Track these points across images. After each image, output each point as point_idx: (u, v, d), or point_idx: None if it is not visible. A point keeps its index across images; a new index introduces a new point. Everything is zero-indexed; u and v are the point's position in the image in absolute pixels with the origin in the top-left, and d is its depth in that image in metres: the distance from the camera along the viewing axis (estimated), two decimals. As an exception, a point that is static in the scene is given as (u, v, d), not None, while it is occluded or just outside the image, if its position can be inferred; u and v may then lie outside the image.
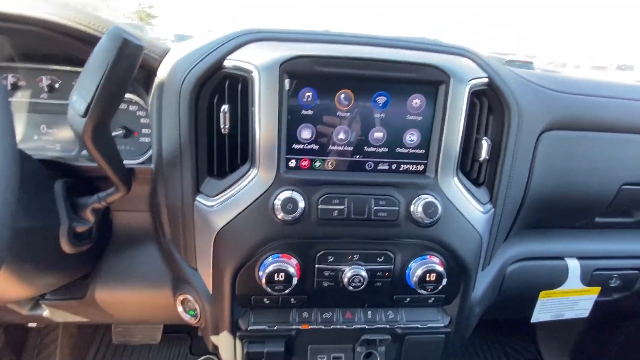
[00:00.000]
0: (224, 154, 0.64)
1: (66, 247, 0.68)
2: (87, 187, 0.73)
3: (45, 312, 0.80)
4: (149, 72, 0.67)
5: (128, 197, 0.71)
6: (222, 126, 0.61)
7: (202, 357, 1.37)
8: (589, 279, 0.88)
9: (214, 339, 0.72)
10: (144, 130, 0.76)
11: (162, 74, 0.64)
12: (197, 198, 0.64)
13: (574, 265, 0.86)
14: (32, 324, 1.02)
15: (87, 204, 0.69)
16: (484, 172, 0.72)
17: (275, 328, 0.69)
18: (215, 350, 0.74)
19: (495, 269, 0.80)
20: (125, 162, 0.73)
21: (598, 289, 0.89)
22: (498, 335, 1.53)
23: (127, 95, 0.73)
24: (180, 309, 0.73)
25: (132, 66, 0.51)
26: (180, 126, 0.61)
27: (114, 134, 0.73)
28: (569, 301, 0.90)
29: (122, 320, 0.87)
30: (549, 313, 0.91)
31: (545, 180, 0.75)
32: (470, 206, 0.67)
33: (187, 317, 0.73)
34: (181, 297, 0.72)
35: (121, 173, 0.62)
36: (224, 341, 0.69)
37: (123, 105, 0.75)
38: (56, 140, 0.77)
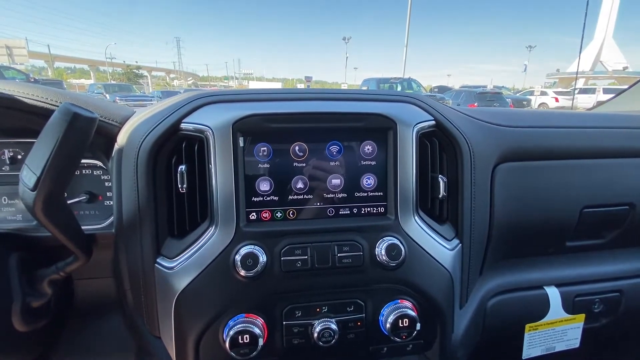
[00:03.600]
0: (183, 213, 0.64)
1: (20, 325, 0.64)
2: (47, 258, 0.71)
3: None
4: (109, 138, 0.69)
5: (90, 264, 0.69)
6: (179, 186, 0.61)
7: None
8: (572, 307, 0.86)
9: None
10: (109, 194, 0.76)
11: (121, 139, 0.65)
12: (158, 260, 0.62)
13: (553, 294, 0.85)
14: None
15: (45, 276, 0.67)
16: (445, 208, 0.73)
17: None
18: None
19: (474, 306, 0.78)
20: (89, 226, 0.73)
21: (583, 316, 0.87)
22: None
23: (91, 161, 0.75)
24: (143, 383, 0.68)
25: (83, 139, 0.52)
26: (138, 189, 0.61)
27: (76, 199, 0.74)
28: (557, 332, 0.87)
29: None
30: (539, 347, 0.87)
31: (507, 210, 0.77)
32: (435, 244, 0.67)
33: (151, 392, 0.67)
34: (144, 370, 0.67)
35: (79, 241, 0.61)
36: None
37: (87, 171, 0.76)
38: (18, 211, 0.76)
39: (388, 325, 0.62)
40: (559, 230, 0.83)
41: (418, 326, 0.63)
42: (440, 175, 0.70)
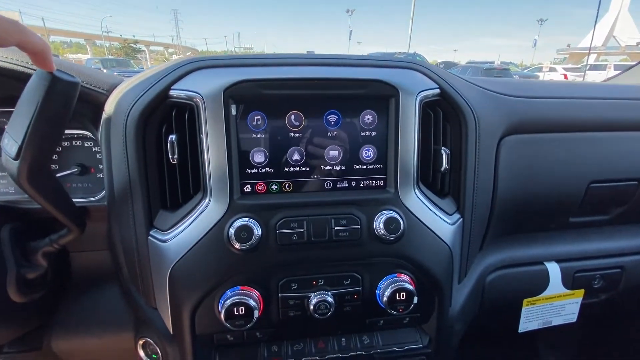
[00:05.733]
0: (176, 185, 0.61)
1: (15, 296, 0.64)
2: (40, 230, 0.70)
3: None
4: (97, 107, 0.66)
5: (86, 237, 0.68)
6: (170, 156, 0.59)
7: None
8: (571, 282, 0.86)
9: None
10: (101, 166, 0.74)
11: (109, 108, 0.62)
12: (151, 233, 0.61)
13: (554, 269, 0.84)
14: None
15: (38, 248, 0.66)
16: (447, 182, 0.70)
17: None
18: None
19: (473, 280, 0.77)
20: (82, 200, 0.71)
21: (582, 291, 0.87)
22: (493, 350, 1.47)
23: (80, 132, 0.72)
24: (141, 353, 0.68)
25: (66, 104, 0.49)
26: (128, 159, 0.59)
27: (68, 172, 0.72)
28: (555, 307, 0.87)
29: None
30: (536, 321, 0.87)
31: (511, 185, 0.74)
32: (435, 218, 0.66)
33: (149, 362, 0.68)
34: (141, 341, 0.67)
35: (70, 213, 0.60)
36: None
37: (77, 142, 0.74)
38: (10, 183, 0.74)
39: (385, 299, 0.62)
40: (564, 206, 0.81)
41: (415, 300, 0.62)
42: (443, 148, 0.67)
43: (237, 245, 0.57)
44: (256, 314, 0.57)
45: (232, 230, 0.57)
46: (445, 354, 0.74)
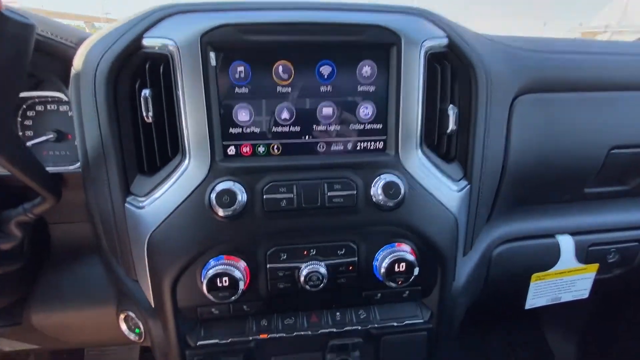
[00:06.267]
0: (152, 147, 0.56)
1: None
2: (13, 198, 0.65)
3: None
4: (66, 63, 0.60)
5: (64, 207, 0.64)
6: (144, 114, 0.53)
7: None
8: (584, 256, 0.80)
9: (161, 358, 0.63)
10: None
11: (77, 62, 0.56)
12: (128, 200, 0.56)
13: (566, 242, 0.78)
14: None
15: (11, 217, 0.62)
16: (454, 145, 0.64)
17: (229, 341, 0.61)
18: None
19: (479, 254, 0.72)
20: (58, 168, 0.66)
21: (596, 266, 0.82)
22: (497, 325, 1.44)
23: (53, 93, 0.66)
24: (124, 327, 0.65)
25: (19, 49, 0.43)
26: (99, 118, 0.54)
27: (43, 138, 0.67)
28: (565, 282, 0.82)
29: (70, 344, 0.79)
30: (544, 297, 0.83)
31: (524, 150, 0.68)
32: (439, 184, 0.60)
33: (132, 337, 0.65)
34: (123, 315, 0.64)
35: (42, 180, 0.55)
36: None
37: (52, 106, 0.69)
38: None
39: (382, 270, 0.57)
40: (580, 174, 0.75)
41: (416, 271, 0.57)
42: (450, 106, 0.60)
43: (219, 212, 0.52)
44: (241, 285, 0.53)
45: (213, 195, 0.52)
46: (448, 330, 0.69)
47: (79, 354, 1.34)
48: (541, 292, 0.82)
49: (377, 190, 0.55)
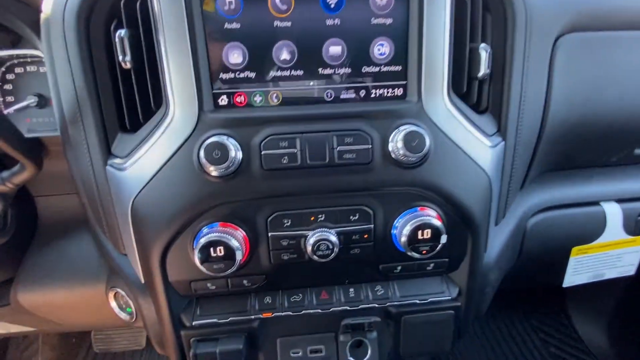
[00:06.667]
0: (133, 99, 0.48)
1: None
2: None
3: None
4: (35, 9, 0.52)
5: (48, 178, 0.61)
6: (121, 58, 0.45)
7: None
8: (634, 227, 0.70)
9: (156, 341, 0.57)
10: None
11: (45, 5, 0.49)
12: (109, 162, 0.49)
13: (613, 211, 0.69)
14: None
15: None
16: (485, 94, 0.54)
17: (228, 320, 0.54)
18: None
19: (513, 223, 0.63)
20: (36, 134, 0.61)
21: None
22: (521, 308, 1.34)
23: (35, 52, 0.61)
24: (114, 305, 0.59)
25: None
26: (71, 67, 0.46)
27: (24, 103, 0.63)
28: (610, 257, 0.72)
29: (65, 327, 0.74)
30: (585, 274, 0.73)
31: (568, 100, 0.58)
32: (470, 138, 0.51)
33: (123, 316, 0.59)
34: (112, 292, 0.57)
35: (21, 147, 0.50)
36: (168, 343, 0.55)
37: (32, 67, 0.63)
38: None
39: (403, 238, 0.48)
40: (632, 132, 0.64)
41: (443, 239, 0.48)
42: (482, 44, 0.50)
43: (211, 170, 0.44)
44: (239, 256, 0.46)
45: (202, 151, 0.44)
46: (477, 309, 0.61)
47: (87, 338, 1.32)
48: (582, 268, 0.72)
49: (396, 144, 0.46)
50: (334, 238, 0.48)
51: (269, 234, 0.49)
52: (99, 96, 0.48)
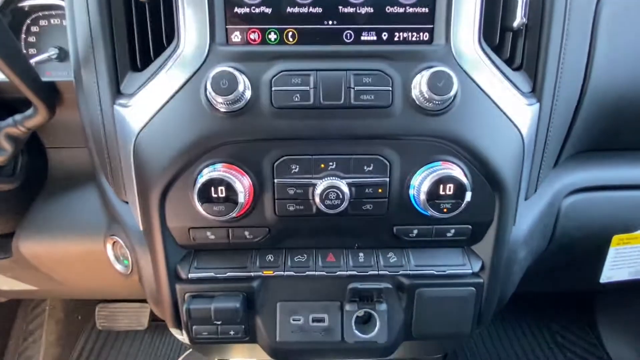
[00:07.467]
0: (146, 36, 0.47)
1: None
2: (4, 110, 0.60)
3: None
4: None
5: (61, 129, 0.61)
6: None
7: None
8: None
9: (150, 296, 0.54)
10: None
11: None
12: (117, 101, 0.48)
13: (662, 197, 0.61)
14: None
15: (0, 128, 0.57)
16: (520, 49, 0.50)
17: (226, 275, 0.50)
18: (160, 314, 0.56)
19: (545, 201, 0.57)
20: (52, 78, 0.61)
21: None
22: (545, 320, 1.23)
23: (59, 2, 0.62)
24: (110, 254, 0.57)
25: None
26: (88, 3, 0.46)
27: (45, 54, 0.64)
28: (657, 250, 0.64)
29: (66, 287, 0.73)
30: (627, 269, 0.65)
31: (613, 65, 0.53)
32: (503, 90, 0.46)
33: (119, 267, 0.57)
34: (111, 241, 0.55)
35: (36, 88, 0.50)
36: (162, 297, 0.51)
37: (55, 20, 0.65)
38: None
39: (422, 195, 0.43)
40: None
41: (468, 196, 0.43)
42: None
43: (218, 103, 0.42)
44: (241, 198, 0.42)
45: (209, 82, 0.41)
46: (503, 289, 0.54)
47: (91, 316, 1.31)
48: (623, 262, 0.64)
49: (421, 87, 0.42)
50: (344, 188, 0.44)
51: (275, 181, 0.46)
52: (112, 33, 0.48)
